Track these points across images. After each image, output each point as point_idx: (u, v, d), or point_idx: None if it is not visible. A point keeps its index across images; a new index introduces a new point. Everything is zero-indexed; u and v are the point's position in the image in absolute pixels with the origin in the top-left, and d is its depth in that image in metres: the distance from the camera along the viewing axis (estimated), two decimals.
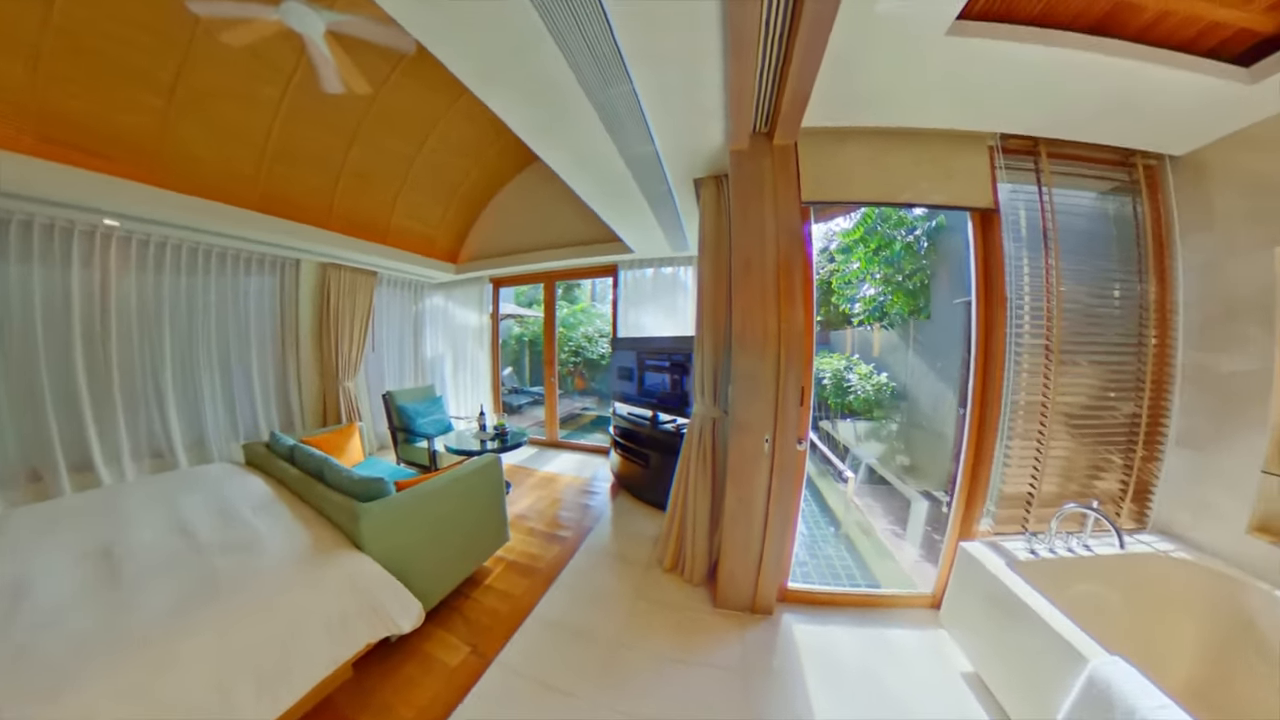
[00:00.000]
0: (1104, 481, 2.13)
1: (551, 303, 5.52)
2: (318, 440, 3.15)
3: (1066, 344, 2.07)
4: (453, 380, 5.88)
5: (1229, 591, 1.72)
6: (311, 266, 4.57)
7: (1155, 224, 2.07)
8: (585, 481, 4.21)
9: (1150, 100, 1.68)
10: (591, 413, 7.73)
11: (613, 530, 3.19)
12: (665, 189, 2.81)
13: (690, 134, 2.15)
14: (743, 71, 1.54)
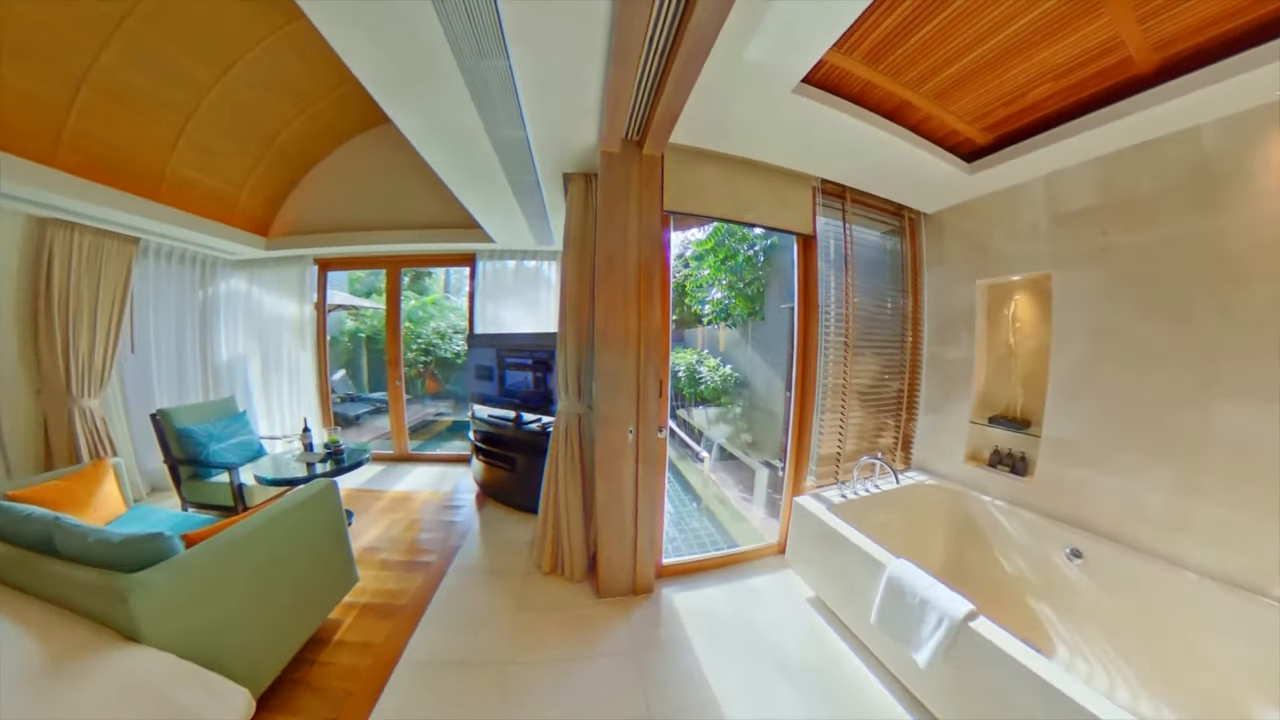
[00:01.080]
0: (884, 438, 2.85)
1: (396, 293, 4.74)
2: (37, 493, 2.06)
3: (858, 341, 2.71)
4: (262, 390, 4.54)
5: (958, 501, 2.49)
6: (15, 222, 3.00)
7: (913, 258, 2.89)
8: (446, 496, 3.78)
9: (916, 172, 2.36)
10: (447, 418, 6.84)
11: (483, 544, 2.96)
12: (533, 179, 2.70)
13: (565, 127, 2.11)
14: (623, 78, 1.58)
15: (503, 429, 3.51)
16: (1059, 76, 1.75)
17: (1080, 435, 2.11)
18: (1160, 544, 1.84)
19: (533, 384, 3.43)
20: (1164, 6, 1.42)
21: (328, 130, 4.10)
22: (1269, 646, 1.48)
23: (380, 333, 5.85)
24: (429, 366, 7.07)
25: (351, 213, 4.28)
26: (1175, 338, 1.83)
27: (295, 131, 3.86)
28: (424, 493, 3.85)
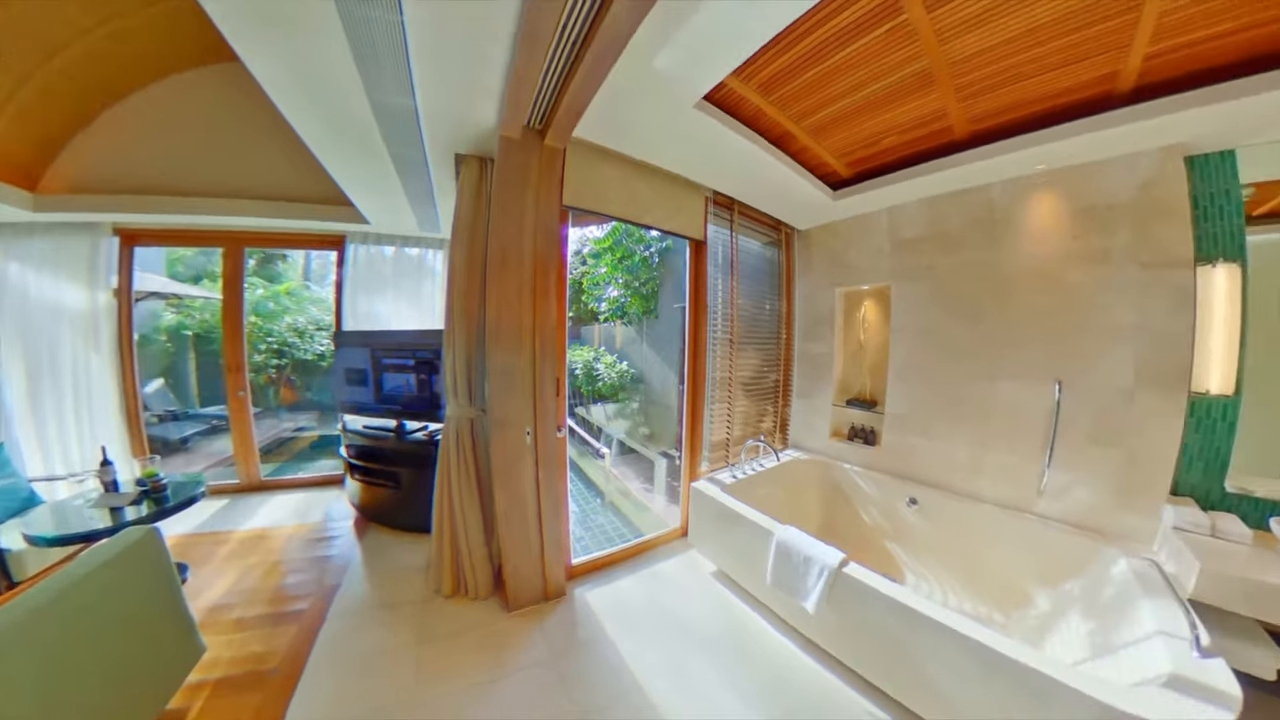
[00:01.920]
0: (765, 423, 3.20)
1: (238, 279, 3.68)
2: None
3: (741, 338, 3.00)
4: (30, 411, 3.14)
5: (827, 471, 2.93)
6: None
7: (787, 267, 3.29)
8: (316, 528, 3.14)
9: (793, 194, 2.68)
10: (310, 433, 5.54)
11: (369, 576, 2.55)
12: (420, 156, 2.39)
13: (461, 103, 1.89)
14: (529, 63, 1.51)
15: (382, 441, 3.10)
16: (903, 132, 2.15)
17: (911, 410, 2.65)
18: (966, 486, 2.44)
19: (416, 387, 3.09)
20: (976, 93, 1.84)
21: (141, 57, 2.89)
22: (1032, 545, 2.12)
23: (215, 330, 4.56)
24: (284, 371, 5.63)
25: (173, 171, 3.13)
26: (972, 336, 2.40)
27: (91, 49, 2.63)
28: (286, 527, 3.15)
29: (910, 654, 1.55)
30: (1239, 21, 1.41)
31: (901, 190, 2.51)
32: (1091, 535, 2.02)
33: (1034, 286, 2.23)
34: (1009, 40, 1.55)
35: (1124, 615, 1.60)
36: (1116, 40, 1.52)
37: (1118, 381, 2.00)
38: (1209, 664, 1.25)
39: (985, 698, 1.37)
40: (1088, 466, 2.08)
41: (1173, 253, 1.89)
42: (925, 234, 2.60)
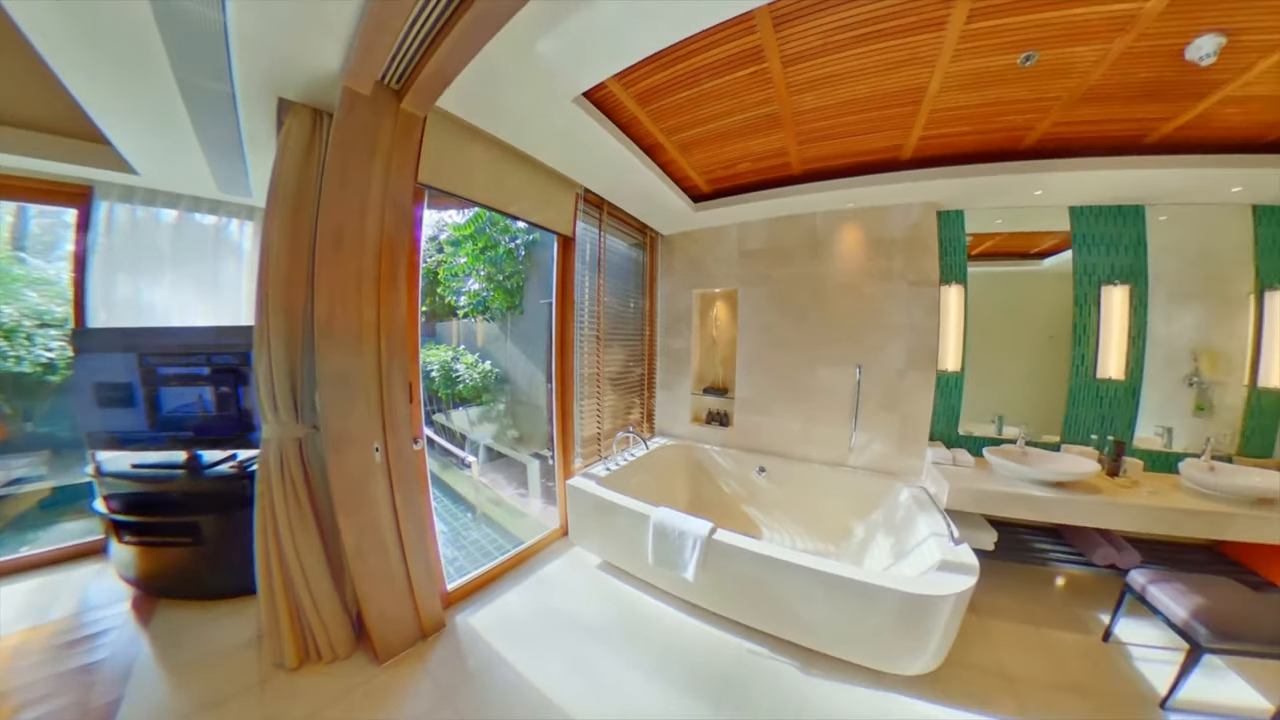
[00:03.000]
0: (633, 414, 3.35)
1: None
2: None
3: (608, 334, 3.06)
4: None
5: (691, 453, 3.22)
6: None
7: (651, 269, 3.46)
8: (64, 627, 2.04)
9: (659, 201, 2.80)
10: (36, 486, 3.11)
11: (170, 674, 1.79)
12: (225, 91, 1.73)
13: (292, 36, 1.45)
14: (392, 8, 1.27)
15: (167, 483, 2.20)
16: (755, 161, 2.47)
17: (755, 394, 3.11)
18: (800, 451, 2.98)
19: (216, 404, 2.24)
20: (811, 140, 2.23)
21: None
22: (849, 490, 2.74)
23: None
24: None
25: None
26: (799, 332, 2.93)
27: None
28: (9, 638, 1.97)
29: (773, 593, 1.88)
30: (974, 128, 2.05)
31: (750, 209, 2.88)
32: (885, 476, 2.71)
33: (843, 294, 2.83)
34: (837, 105, 1.92)
35: (909, 528, 2.20)
36: (903, 123, 2.03)
37: (895, 365, 2.70)
38: (960, 549, 1.82)
39: (830, 610, 1.77)
40: (879, 427, 2.77)
41: (928, 275, 2.63)
42: (766, 248, 3.05)
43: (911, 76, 1.72)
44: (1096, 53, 1.55)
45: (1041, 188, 2.33)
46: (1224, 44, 1.43)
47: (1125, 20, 1.39)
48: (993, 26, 1.45)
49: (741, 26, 1.49)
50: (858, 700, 1.66)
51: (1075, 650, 1.97)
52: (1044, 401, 2.63)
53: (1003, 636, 2.04)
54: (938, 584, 1.62)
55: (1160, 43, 1.49)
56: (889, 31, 1.49)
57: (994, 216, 2.63)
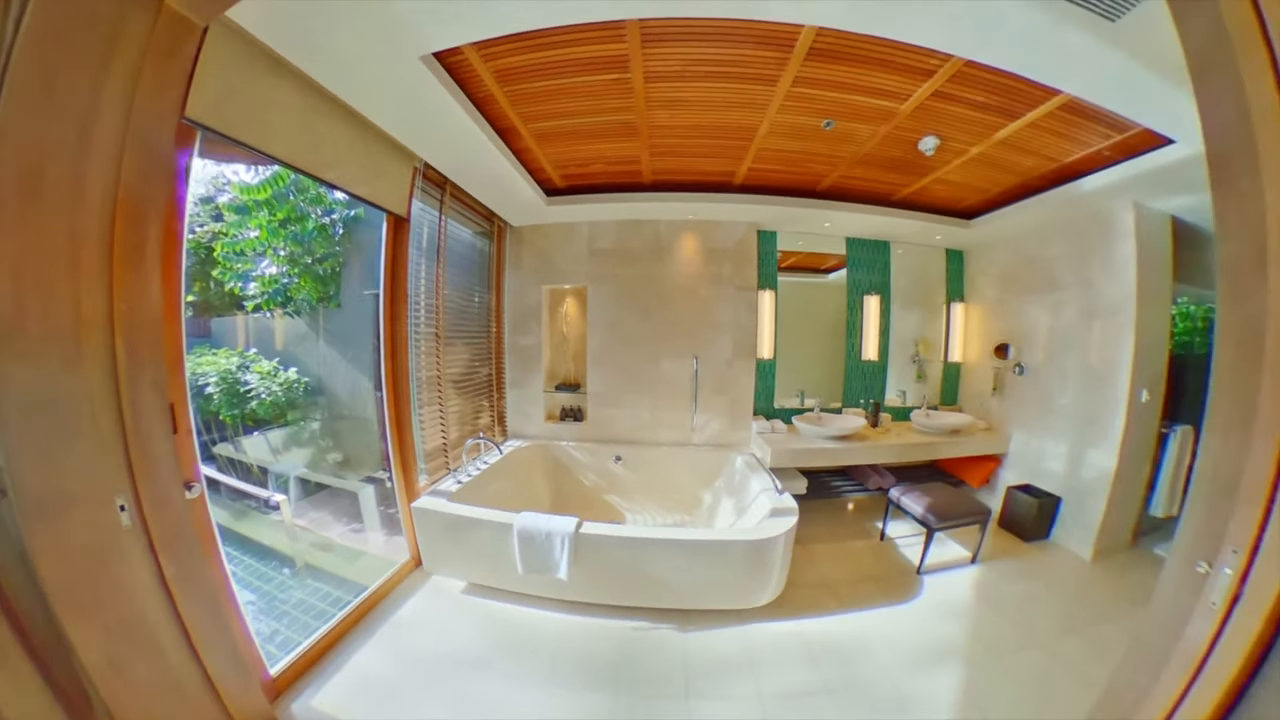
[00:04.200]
0: (483, 418, 3.09)
1: None
2: None
3: (449, 332, 2.74)
4: None
5: (548, 451, 3.15)
6: None
7: (498, 261, 3.18)
8: None
9: (511, 189, 2.60)
10: None
11: None
12: None
13: None
14: None
15: None
16: (609, 164, 2.53)
17: (607, 388, 3.22)
18: (651, 437, 3.23)
19: None
20: (661, 154, 2.39)
21: None
22: (694, 466, 3.10)
23: None
24: None
25: None
26: (644, 328, 3.15)
27: None
28: None
29: (643, 570, 2.03)
30: (787, 168, 2.53)
31: (602, 209, 2.94)
32: (723, 449, 3.17)
33: (682, 295, 3.16)
34: (687, 127, 2.12)
35: (745, 488, 2.64)
36: (737, 154, 2.38)
37: (725, 355, 3.18)
38: (783, 497, 2.29)
39: (693, 571, 2.01)
40: (715, 409, 3.22)
41: (750, 282, 3.16)
42: (615, 248, 3.16)
43: (747, 117, 2.02)
44: (870, 131, 2.10)
45: (829, 221, 3.06)
46: (939, 144, 2.11)
47: (888, 114, 1.94)
48: (809, 94, 1.83)
49: (613, 32, 1.51)
50: (728, 638, 1.96)
51: (866, 551, 2.75)
52: (830, 378, 3.51)
53: (820, 555, 2.67)
54: (771, 528, 2.02)
55: (905, 134, 2.10)
56: (735, 76, 1.73)
57: (797, 239, 3.33)
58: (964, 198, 2.89)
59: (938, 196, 2.88)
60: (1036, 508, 2.80)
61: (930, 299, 3.65)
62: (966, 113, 1.95)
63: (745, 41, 1.55)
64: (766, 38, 1.53)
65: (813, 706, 1.66)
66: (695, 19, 1.44)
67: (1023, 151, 2.26)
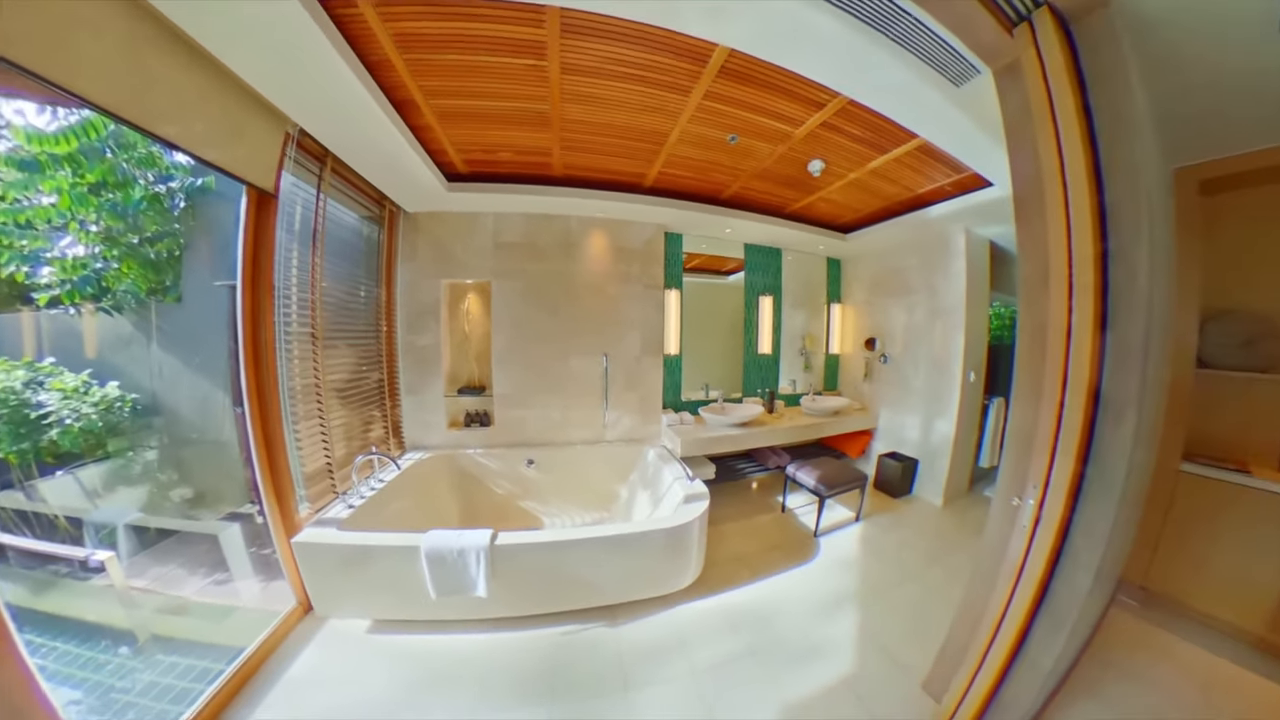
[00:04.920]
0: (374, 431, 2.74)
1: None
2: None
3: (329, 331, 2.39)
4: None
5: (453, 462, 2.93)
6: None
7: (389, 250, 2.81)
8: None
9: (406, 170, 2.32)
10: None
11: None
12: None
13: None
14: None
15: None
16: (518, 153, 2.41)
17: (514, 389, 3.08)
18: (563, 437, 3.19)
19: None
20: (573, 149, 2.36)
21: None
22: (609, 462, 3.14)
23: None
24: None
25: None
26: (553, 325, 3.09)
27: None
28: None
29: (566, 573, 2.01)
30: (694, 175, 2.67)
31: (508, 200, 2.78)
32: (635, 443, 3.25)
33: (590, 292, 3.15)
34: (601, 124, 2.13)
35: (659, 479, 2.76)
36: (648, 157, 2.45)
37: (634, 352, 3.25)
38: (695, 483, 2.45)
39: (616, 567, 2.05)
40: (626, 405, 3.27)
41: (657, 281, 3.27)
42: (522, 242, 3.02)
43: (660, 123, 2.10)
44: (769, 149, 2.32)
45: (730, 228, 3.30)
46: (825, 167, 2.43)
47: (785, 136, 2.17)
48: (718, 108, 1.97)
49: (533, 15, 1.47)
50: (658, 624, 2.05)
51: (770, 524, 3.05)
52: (731, 371, 3.79)
53: (732, 533, 2.91)
54: (686, 514, 2.15)
55: (798, 156, 2.38)
56: (652, 81, 1.79)
57: (701, 242, 3.53)
58: (842, 215, 3.38)
59: (822, 212, 3.32)
60: (901, 470, 3.46)
61: (814, 300, 4.24)
62: (847, 143, 2.27)
63: (664, 50, 1.61)
64: (684, 50, 1.61)
65: (741, 669, 1.83)
66: (617, 18, 1.45)
67: (888, 181, 2.71)
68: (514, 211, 2.99)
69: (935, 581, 2.46)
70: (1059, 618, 1.36)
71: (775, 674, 1.81)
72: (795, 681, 1.78)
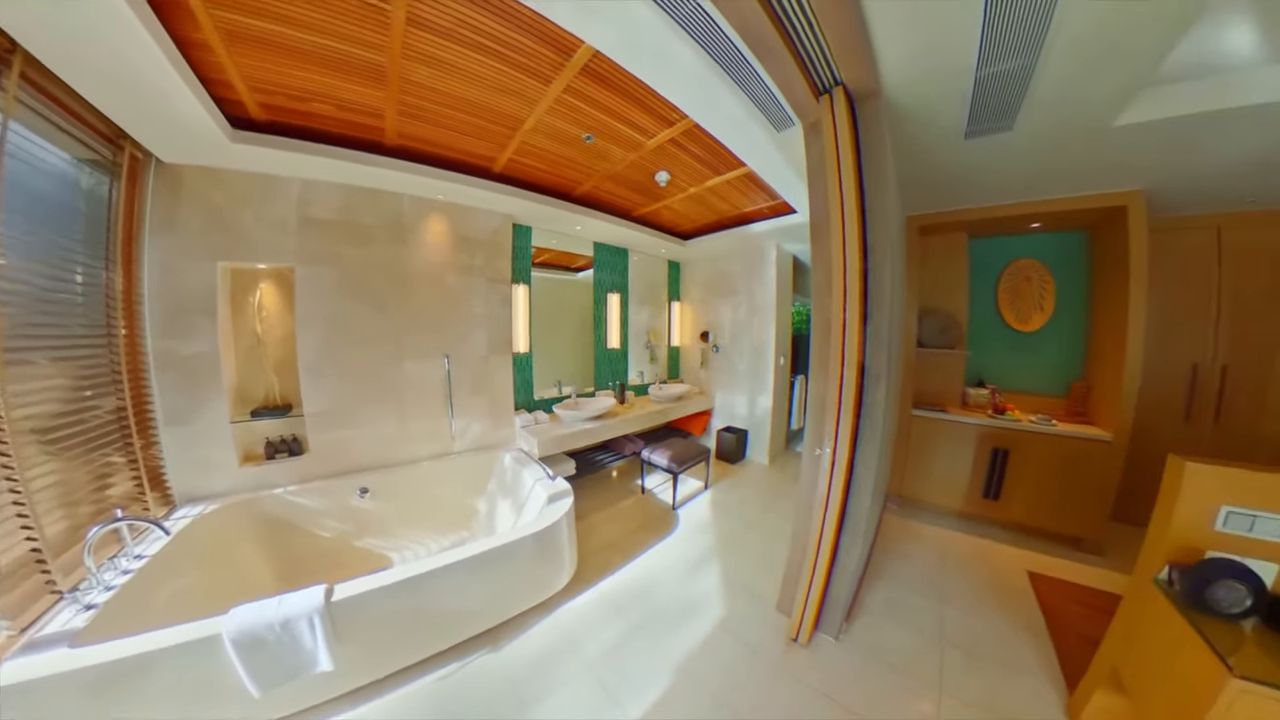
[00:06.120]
0: (118, 486, 1.91)
1: None
2: None
3: (15, 340, 1.61)
4: None
5: (252, 509, 2.26)
6: None
7: (129, 214, 1.94)
8: None
9: (161, 98, 1.64)
10: None
11: None
12: None
13: None
14: None
15: None
16: (340, 107, 1.99)
17: (334, 404, 2.54)
18: (404, 454, 2.80)
19: None
20: (413, 116, 2.08)
21: None
22: (462, 474, 2.91)
23: None
24: None
25: None
26: (381, 323, 2.66)
27: None
28: None
29: (432, 610, 1.77)
30: (547, 168, 2.63)
31: (323, 166, 2.25)
32: (488, 450, 3.05)
33: (427, 284, 2.80)
34: (450, 95, 1.94)
35: (519, 484, 2.68)
36: (500, 142, 2.33)
37: (479, 351, 3.03)
38: (556, 482, 2.48)
39: (487, 586, 1.90)
40: (474, 410, 3.04)
41: (504, 275, 3.10)
42: (339, 219, 2.48)
43: (516, 107, 2.03)
44: (622, 155, 2.46)
45: (581, 225, 3.33)
46: (670, 179, 2.70)
47: (637, 145, 2.35)
48: (577, 105, 2.02)
49: None
50: (543, 632, 2.02)
51: (634, 507, 3.25)
52: (583, 366, 3.85)
53: (599, 523, 3.00)
54: (552, 515, 2.15)
55: (647, 165, 2.58)
56: (512, 62, 1.73)
57: (551, 237, 3.46)
58: (682, 223, 3.80)
59: (665, 219, 3.66)
60: (735, 440, 4.16)
61: (657, 298, 4.69)
62: (690, 161, 2.55)
63: (530, 32, 1.57)
64: (551, 38, 1.60)
65: (632, 647, 1.95)
66: None
67: (721, 198, 3.15)
68: (330, 181, 2.44)
69: (772, 524, 3.03)
70: (855, 530, 1.89)
71: (661, 641, 1.98)
72: (680, 641, 1.99)
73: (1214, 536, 1.28)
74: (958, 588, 2.36)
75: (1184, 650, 1.17)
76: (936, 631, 2.04)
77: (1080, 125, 1.90)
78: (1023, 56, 1.50)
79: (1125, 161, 2.19)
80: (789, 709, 1.65)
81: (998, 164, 2.30)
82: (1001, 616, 2.14)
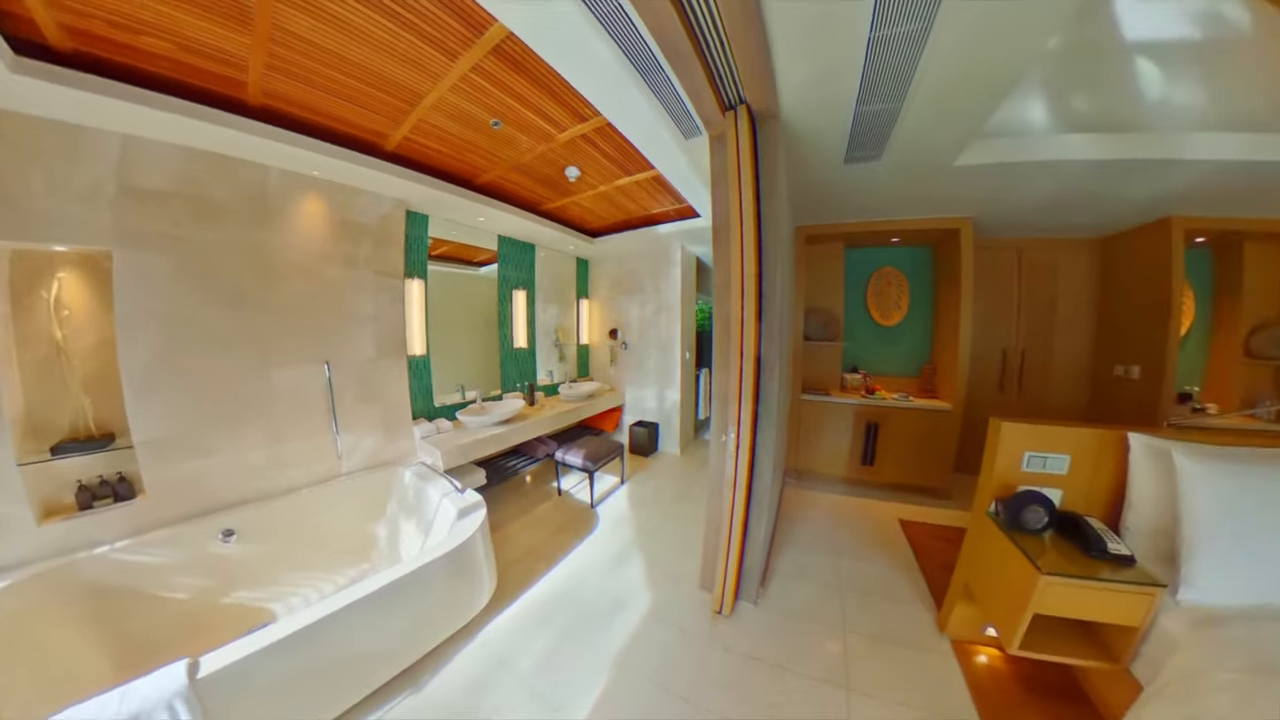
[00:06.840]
0: None
1: None
2: None
3: None
4: None
5: (64, 578, 1.71)
6: None
7: None
8: None
9: None
10: None
11: None
12: None
13: None
14: None
15: None
16: (184, 48, 1.61)
17: (177, 429, 2.04)
18: (279, 483, 2.37)
19: None
20: (284, 72, 1.76)
21: None
22: (355, 497, 2.58)
23: None
24: None
25: None
26: (238, 323, 2.21)
27: None
28: None
29: (330, 662, 1.51)
30: (449, 151, 2.46)
31: (156, 119, 1.77)
32: (385, 467, 2.72)
33: (299, 276, 2.40)
34: (334, 55, 1.70)
35: (424, 502, 2.43)
36: (394, 116, 2.10)
37: (366, 354, 2.68)
38: (466, 494, 2.32)
39: (396, 621, 1.68)
40: (364, 422, 2.68)
41: (395, 268, 2.79)
42: (178, 191, 1.98)
43: (415, 80, 1.87)
44: (530, 145, 2.40)
45: (484, 216, 3.14)
46: (580, 174, 2.70)
47: (548, 136, 2.32)
48: (485, 87, 1.92)
49: None
50: (469, 657, 1.87)
51: (552, 509, 3.19)
52: (488, 368, 3.63)
53: (517, 531, 2.89)
54: (463, 531, 2.00)
55: (558, 158, 2.56)
56: (414, 28, 1.58)
57: (451, 228, 3.19)
58: (591, 221, 3.80)
59: (573, 215, 3.63)
60: (647, 434, 4.31)
61: (565, 295, 4.64)
62: (601, 159, 2.58)
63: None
64: (461, 9, 1.50)
65: (564, 654, 1.90)
66: None
67: (629, 198, 3.23)
68: (166, 140, 1.94)
69: (688, 511, 3.18)
70: (761, 505, 2.11)
71: (594, 641, 1.96)
72: (612, 637, 1.99)
73: (1022, 475, 1.72)
74: (848, 542, 2.74)
75: (1010, 561, 1.53)
76: (835, 581, 2.36)
77: (930, 162, 2.33)
78: (892, 100, 1.79)
79: (960, 194, 2.76)
80: (723, 678, 1.76)
81: (869, 186, 2.70)
82: (883, 559, 2.55)
